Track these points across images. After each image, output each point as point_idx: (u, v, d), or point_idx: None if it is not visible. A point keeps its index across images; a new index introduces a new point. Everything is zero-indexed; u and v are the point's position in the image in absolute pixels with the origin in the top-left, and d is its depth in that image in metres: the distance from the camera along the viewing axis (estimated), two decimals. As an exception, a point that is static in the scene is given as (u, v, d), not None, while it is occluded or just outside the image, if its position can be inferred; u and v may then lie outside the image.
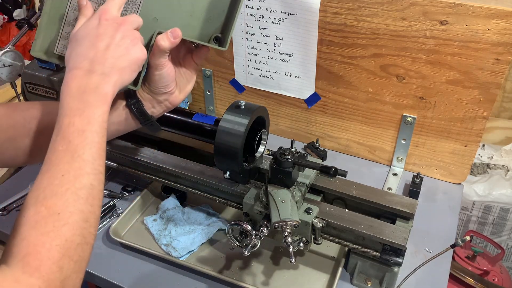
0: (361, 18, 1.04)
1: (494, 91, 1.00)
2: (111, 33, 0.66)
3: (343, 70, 1.14)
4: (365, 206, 0.92)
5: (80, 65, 0.64)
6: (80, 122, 0.60)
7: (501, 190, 1.59)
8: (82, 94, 0.62)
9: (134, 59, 0.68)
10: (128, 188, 1.15)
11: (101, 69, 0.64)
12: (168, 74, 0.75)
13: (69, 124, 0.60)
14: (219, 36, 0.76)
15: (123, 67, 0.66)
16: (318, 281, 0.93)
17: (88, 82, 0.63)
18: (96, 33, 0.66)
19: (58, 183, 0.56)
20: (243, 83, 1.29)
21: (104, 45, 0.65)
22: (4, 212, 1.09)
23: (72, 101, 0.62)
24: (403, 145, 1.18)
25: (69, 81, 0.63)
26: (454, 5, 0.94)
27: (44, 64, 1.12)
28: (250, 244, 0.84)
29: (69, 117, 0.60)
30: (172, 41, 0.71)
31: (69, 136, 0.59)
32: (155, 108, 0.79)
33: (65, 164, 0.57)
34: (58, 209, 0.54)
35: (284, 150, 0.85)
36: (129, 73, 0.68)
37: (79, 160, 0.58)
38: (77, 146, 0.59)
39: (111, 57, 0.65)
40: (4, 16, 2.47)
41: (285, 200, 0.83)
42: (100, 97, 0.63)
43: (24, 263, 0.51)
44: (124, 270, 0.95)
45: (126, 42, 0.67)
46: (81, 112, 0.61)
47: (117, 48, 0.66)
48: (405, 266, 0.87)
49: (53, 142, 0.60)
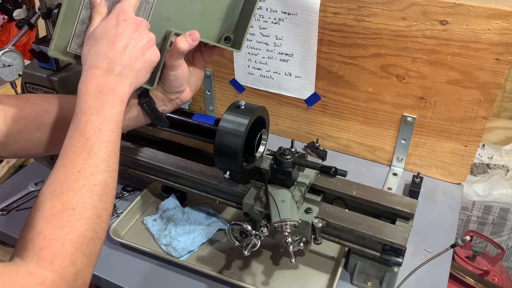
0: (361, 18, 1.04)
1: (494, 91, 1.00)
2: (129, 34, 0.67)
3: (343, 70, 1.14)
4: (365, 206, 0.92)
5: (99, 64, 0.65)
6: (97, 121, 0.62)
7: (501, 190, 1.59)
8: (100, 93, 0.64)
9: (150, 61, 0.70)
10: (128, 188, 1.15)
11: (119, 69, 0.66)
12: (183, 74, 0.77)
13: (87, 121, 0.61)
14: (229, 36, 0.77)
15: (139, 68, 0.68)
16: (318, 281, 0.93)
17: (106, 82, 0.65)
18: (115, 33, 0.67)
19: (75, 179, 0.58)
20: (243, 83, 1.29)
21: (122, 46, 0.67)
22: (4, 212, 1.09)
23: (90, 99, 0.63)
24: (403, 145, 1.18)
25: (88, 80, 0.65)
26: (454, 5, 0.94)
27: (44, 64, 1.12)
28: (250, 244, 0.84)
29: (87, 115, 0.62)
30: (190, 43, 0.73)
31: (87, 133, 0.61)
32: (166, 106, 0.81)
33: (82, 160, 0.59)
34: (73, 204, 0.56)
35: (284, 150, 0.85)
36: (144, 74, 0.70)
37: (95, 157, 0.60)
38: (94, 144, 0.60)
39: (128, 58, 0.67)
40: (4, 16, 2.47)
41: (285, 200, 0.83)
42: (117, 97, 0.65)
43: (39, 256, 0.52)
44: (124, 270, 0.95)
45: (142, 44, 0.68)
46: (99, 110, 0.63)
47: (134, 49, 0.67)
48: (405, 266, 0.87)
49: (70, 138, 0.61)
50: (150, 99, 0.79)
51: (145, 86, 0.75)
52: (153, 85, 0.75)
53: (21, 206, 1.11)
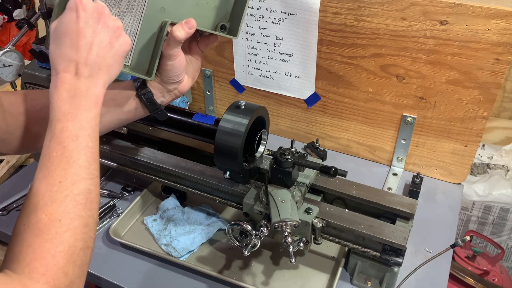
0: (361, 18, 1.04)
1: (494, 91, 1.00)
2: (92, 27, 0.64)
3: (343, 70, 1.14)
4: (365, 206, 0.92)
5: (67, 69, 0.63)
6: (73, 127, 0.60)
7: (501, 190, 1.59)
8: (73, 98, 0.62)
9: (120, 52, 0.67)
10: (128, 188, 1.15)
11: (89, 71, 0.63)
12: (180, 64, 0.76)
13: (62, 129, 0.60)
14: (225, 24, 0.77)
15: (110, 64, 0.66)
16: (318, 281, 0.93)
17: (78, 86, 0.63)
18: (76, 28, 0.63)
19: (57, 190, 0.57)
20: (243, 83, 1.29)
21: (87, 44, 0.63)
22: (4, 212, 1.09)
23: (63, 105, 0.61)
24: (403, 145, 1.18)
25: (59, 86, 0.62)
26: (454, 5, 0.94)
27: (44, 64, 1.12)
28: (250, 244, 0.84)
29: (62, 122, 0.60)
30: (187, 31, 0.72)
31: (63, 141, 0.59)
32: (164, 97, 0.80)
33: (62, 170, 0.58)
34: (58, 216, 0.55)
35: (284, 150, 0.85)
36: (117, 67, 0.67)
37: (75, 166, 0.59)
38: (72, 152, 0.59)
39: (96, 56, 0.64)
40: (4, 16, 2.47)
41: (285, 200, 0.83)
42: (91, 100, 0.63)
43: (31, 269, 0.52)
44: (124, 270, 0.95)
45: (108, 35, 0.65)
46: (74, 116, 0.61)
47: (101, 44, 0.64)
48: (405, 266, 0.87)
49: (47, 147, 0.60)
50: (148, 90, 0.78)
51: (143, 77, 0.75)
52: (151, 76, 0.75)
53: (21, 206, 1.11)
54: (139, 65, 0.76)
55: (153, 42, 0.75)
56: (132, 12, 0.74)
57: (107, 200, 1.12)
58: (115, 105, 0.78)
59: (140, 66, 0.76)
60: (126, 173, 1.12)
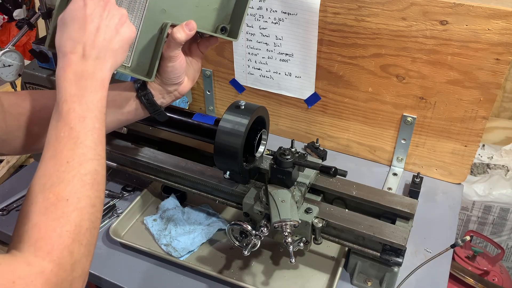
0: (361, 18, 1.04)
1: (494, 91, 1.00)
2: (99, 13, 0.65)
3: (343, 70, 1.14)
4: (365, 206, 0.92)
5: (74, 50, 0.64)
6: (80, 108, 0.61)
7: (501, 190, 1.59)
8: (80, 79, 0.62)
9: (126, 39, 0.68)
10: (128, 188, 1.15)
11: (96, 53, 0.64)
12: (181, 66, 0.76)
13: (69, 110, 0.60)
14: (225, 26, 0.78)
15: (115, 49, 0.66)
16: (318, 281, 0.93)
17: (84, 67, 0.63)
18: (83, 14, 0.64)
19: (64, 170, 0.57)
20: (243, 83, 1.29)
21: (94, 27, 0.64)
22: (4, 212, 1.09)
23: (70, 86, 0.62)
24: (403, 145, 1.18)
25: (66, 67, 0.63)
26: (454, 5, 0.94)
27: (44, 64, 1.12)
28: (250, 244, 0.84)
29: (68, 103, 0.61)
30: (188, 33, 0.72)
31: (70, 122, 0.60)
32: (164, 98, 0.81)
33: (69, 151, 0.58)
34: (66, 196, 0.56)
35: (284, 150, 0.85)
36: (122, 53, 0.68)
37: (82, 146, 0.59)
38: (79, 133, 0.60)
39: (103, 40, 0.65)
40: (4, 16, 2.47)
41: (285, 200, 0.83)
42: (98, 83, 0.64)
43: (36, 247, 0.52)
44: (124, 270, 0.95)
45: (114, 22, 0.66)
46: (81, 98, 0.61)
47: (107, 29, 0.65)
48: (405, 266, 0.87)
49: (54, 128, 0.60)
50: (148, 92, 0.78)
51: (143, 79, 0.75)
52: (151, 77, 0.75)
53: (21, 206, 1.11)
54: (140, 67, 0.76)
55: (154, 44, 0.76)
56: (133, 13, 0.74)
57: (107, 200, 1.12)
58: (115, 106, 0.78)
59: (140, 67, 0.76)
60: (126, 173, 1.12)
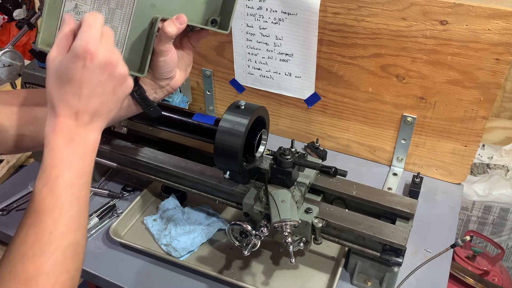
0: (361, 18, 1.04)
1: (494, 91, 1.00)
2: (97, 77, 0.62)
3: (343, 70, 1.14)
4: (365, 206, 0.92)
5: (67, 114, 0.61)
6: (69, 175, 0.59)
7: (501, 190, 1.59)
8: (71, 144, 0.61)
9: (122, 98, 0.67)
10: (128, 188, 1.15)
11: (89, 118, 0.63)
12: (172, 60, 0.76)
13: (57, 176, 0.59)
14: (215, 19, 0.77)
15: (110, 110, 0.65)
16: (318, 281, 0.93)
17: (77, 132, 0.62)
18: (81, 77, 0.61)
19: (46, 241, 0.56)
20: (243, 83, 1.29)
21: (90, 93, 0.62)
22: (4, 212, 1.09)
23: (60, 150, 0.60)
24: (403, 145, 1.18)
25: (57, 129, 0.61)
26: (454, 5, 0.94)
27: (44, 64, 1.12)
28: (250, 244, 0.84)
29: (57, 169, 0.59)
30: (178, 27, 0.71)
31: (57, 189, 0.58)
32: (157, 93, 0.80)
33: (53, 220, 0.57)
34: (47, 269, 0.55)
35: (284, 150, 0.85)
36: (116, 110, 0.67)
37: (67, 216, 0.58)
38: (65, 202, 0.58)
39: (98, 105, 0.63)
40: (4, 16, 2.47)
41: (285, 200, 0.83)
42: (89, 147, 0.63)
43: None
44: (124, 270, 0.95)
45: (113, 84, 0.64)
46: (70, 164, 0.60)
47: (104, 92, 0.63)
48: (405, 266, 0.87)
49: (39, 192, 0.58)
50: (140, 87, 0.77)
51: (136, 74, 0.74)
52: (143, 72, 0.74)
53: (21, 206, 1.11)
54: (131, 62, 0.75)
55: (144, 39, 0.75)
56: (122, 9, 0.73)
57: (107, 200, 1.12)
58: None
59: (132, 63, 0.75)
60: (126, 173, 1.12)
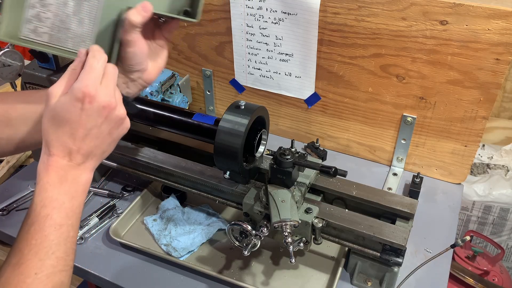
0: (361, 18, 1.04)
1: (494, 91, 1.00)
2: (95, 120, 0.62)
3: (343, 70, 1.14)
4: (365, 206, 0.92)
5: (61, 154, 0.62)
6: (58, 216, 0.59)
7: (501, 190, 1.59)
8: (63, 183, 0.61)
9: (118, 139, 0.67)
10: (128, 188, 1.15)
11: (83, 159, 0.63)
12: (141, 51, 0.74)
13: (47, 216, 0.58)
14: (188, 10, 0.76)
15: (104, 151, 0.66)
16: (318, 281, 0.93)
17: (69, 172, 0.62)
18: (78, 120, 0.61)
19: (31, 283, 0.55)
20: (243, 83, 1.29)
21: (86, 135, 0.62)
22: (4, 212, 1.09)
23: (51, 190, 0.60)
24: (403, 145, 1.18)
25: (49, 168, 0.61)
26: (454, 5, 0.94)
27: (44, 64, 1.12)
28: (250, 244, 0.84)
29: (47, 209, 0.59)
30: (143, 15, 0.70)
31: (46, 229, 0.58)
32: (129, 88, 0.78)
33: (39, 261, 0.56)
34: None
35: (284, 150, 0.85)
36: (111, 151, 0.67)
37: (53, 257, 0.58)
38: (52, 242, 0.58)
39: (93, 147, 0.63)
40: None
41: (285, 200, 0.83)
42: (81, 188, 0.62)
43: None
44: (124, 270, 0.95)
45: (109, 127, 0.64)
46: (60, 204, 0.60)
47: (100, 135, 0.64)
48: (405, 266, 0.87)
49: (26, 232, 0.58)
50: None
51: None
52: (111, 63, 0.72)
53: (21, 206, 1.11)
54: None
55: (112, 29, 0.73)
56: (90, 1, 0.73)
57: (107, 200, 1.12)
58: None
59: None
60: (126, 173, 1.12)
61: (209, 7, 1.19)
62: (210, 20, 1.21)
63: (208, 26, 1.23)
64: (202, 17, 1.21)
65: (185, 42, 1.30)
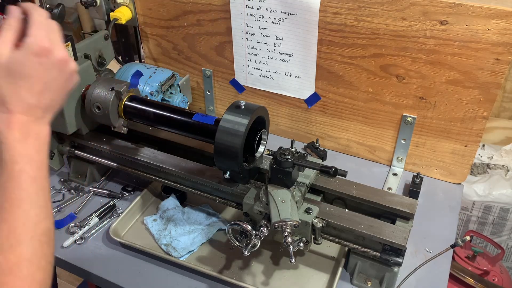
0: (361, 18, 1.04)
1: (494, 91, 1.00)
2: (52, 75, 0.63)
3: (343, 70, 1.14)
4: (365, 206, 0.92)
5: (21, 110, 0.62)
6: (31, 169, 0.61)
7: (501, 190, 1.59)
8: (27, 139, 0.62)
9: (69, 92, 0.68)
10: (128, 188, 1.15)
11: (41, 113, 0.64)
12: None
13: (20, 171, 0.61)
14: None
15: (59, 103, 0.67)
16: (318, 281, 0.93)
17: (31, 127, 0.63)
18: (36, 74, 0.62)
19: (21, 232, 0.58)
20: (243, 83, 1.29)
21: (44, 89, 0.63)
22: None
23: (19, 146, 0.61)
24: (403, 145, 1.18)
25: (12, 125, 0.62)
26: (454, 5, 0.94)
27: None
28: (250, 244, 0.84)
29: (19, 164, 0.61)
30: None
31: (22, 183, 0.60)
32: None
33: (23, 212, 0.59)
34: (28, 256, 0.58)
35: (284, 150, 0.85)
36: (63, 105, 0.69)
37: (36, 207, 0.61)
38: (32, 194, 0.61)
39: (50, 100, 0.65)
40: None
41: (285, 200, 0.83)
42: (44, 141, 0.64)
43: None
44: (124, 270, 0.95)
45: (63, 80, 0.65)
46: (31, 158, 0.62)
47: (57, 88, 0.65)
48: (405, 266, 0.87)
49: (5, 189, 0.60)
50: None
51: None
52: None
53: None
54: None
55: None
56: None
57: (107, 200, 1.12)
58: None
59: None
60: (126, 173, 1.12)
61: (209, 7, 1.19)
62: (210, 20, 1.21)
63: (208, 26, 1.23)
64: (202, 17, 1.22)
65: (185, 42, 1.30)
